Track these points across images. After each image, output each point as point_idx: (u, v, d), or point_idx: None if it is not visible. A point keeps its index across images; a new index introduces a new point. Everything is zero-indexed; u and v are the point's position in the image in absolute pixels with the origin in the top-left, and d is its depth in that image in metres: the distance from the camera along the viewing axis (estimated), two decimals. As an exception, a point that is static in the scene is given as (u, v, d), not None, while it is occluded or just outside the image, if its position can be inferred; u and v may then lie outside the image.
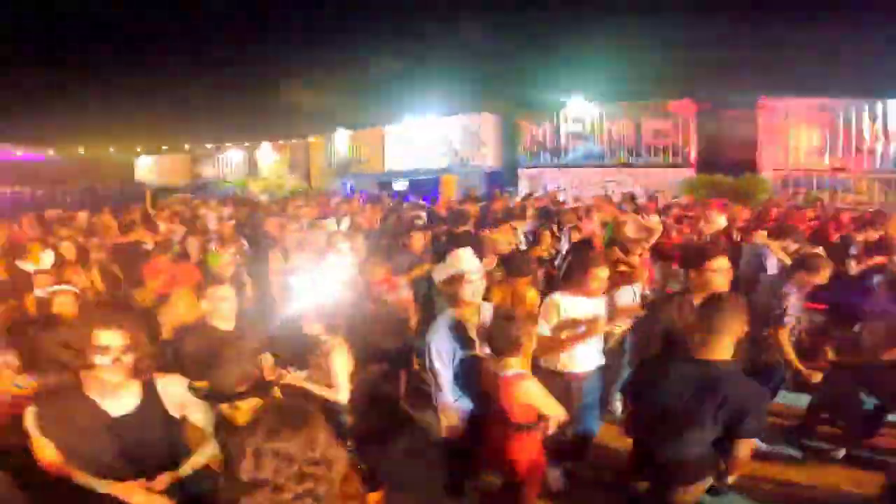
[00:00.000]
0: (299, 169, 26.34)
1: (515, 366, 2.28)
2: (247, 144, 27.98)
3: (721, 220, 7.51)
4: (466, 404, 2.50)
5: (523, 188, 16.97)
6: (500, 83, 22.02)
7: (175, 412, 1.99)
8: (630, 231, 4.15)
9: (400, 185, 19.77)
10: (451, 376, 2.43)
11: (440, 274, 2.60)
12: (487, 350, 2.55)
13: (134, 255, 5.75)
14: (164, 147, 29.33)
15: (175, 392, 2.01)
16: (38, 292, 3.75)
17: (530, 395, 2.22)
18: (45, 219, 10.26)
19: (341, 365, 2.76)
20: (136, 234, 6.25)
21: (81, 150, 26.25)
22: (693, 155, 14.77)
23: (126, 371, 1.84)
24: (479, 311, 2.58)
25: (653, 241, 4.34)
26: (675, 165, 14.76)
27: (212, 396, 1.96)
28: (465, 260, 2.53)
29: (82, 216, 9.86)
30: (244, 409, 2.09)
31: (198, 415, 2.05)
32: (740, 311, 2.12)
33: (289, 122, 25.29)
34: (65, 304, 3.42)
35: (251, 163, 28.17)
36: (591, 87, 16.47)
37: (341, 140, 24.41)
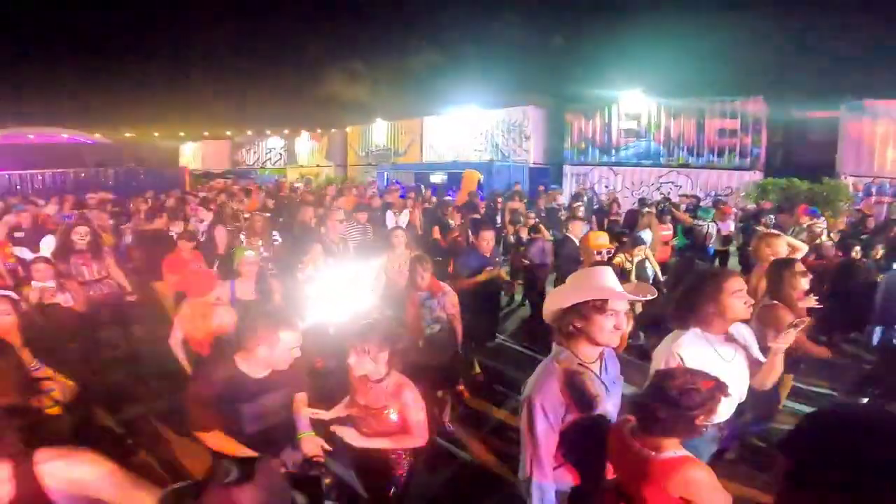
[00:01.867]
0: (336, 158, 26.10)
1: (673, 446, 1.52)
2: (286, 132, 27.97)
3: (819, 228, 6.49)
4: (567, 480, 1.77)
5: (569, 186, 16.02)
6: (546, 75, 20.95)
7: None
8: (780, 250, 3.21)
9: (438, 178, 19.08)
10: (553, 444, 1.67)
11: (558, 299, 1.75)
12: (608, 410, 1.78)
13: (156, 244, 5.26)
14: (205, 133, 29.66)
15: (66, 475, 1.29)
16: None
17: (695, 488, 1.47)
18: (84, 202, 10.09)
19: (418, 404, 2.21)
20: (161, 220, 5.76)
21: (128, 134, 26.74)
22: (763, 157, 13.45)
23: None
24: (603, 358, 1.79)
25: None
26: (741, 168, 13.49)
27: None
28: (608, 279, 1.74)
29: (104, 197, 9.57)
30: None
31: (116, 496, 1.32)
32: None
33: (327, 111, 25.07)
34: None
35: (289, 151, 28.20)
36: (647, 81, 15.31)
37: (379, 130, 23.95)
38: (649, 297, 1.79)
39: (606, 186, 15.08)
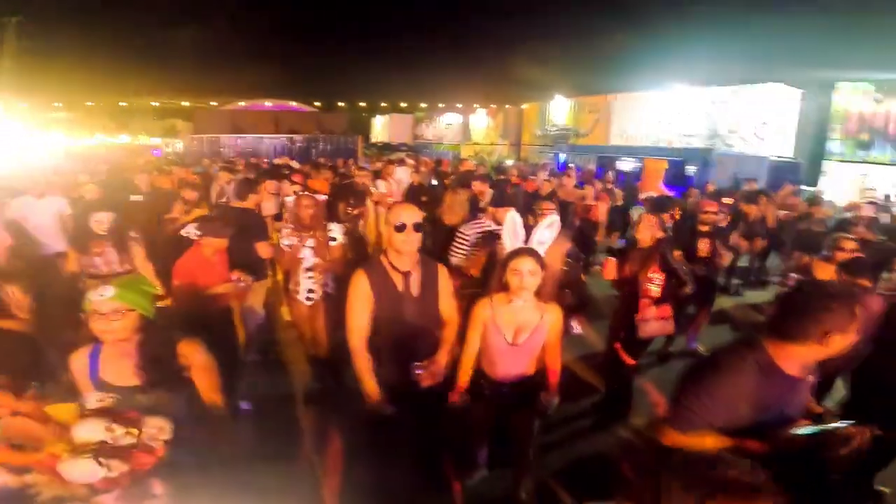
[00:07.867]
0: (510, 136, 24.02)
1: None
2: (459, 106, 26.99)
3: None
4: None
5: (833, 189, 10.99)
6: (802, 42, 15.50)
7: None
8: None
9: (626, 165, 15.30)
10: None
11: None
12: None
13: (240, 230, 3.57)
14: (382, 104, 30.34)
15: None
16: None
17: None
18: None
19: None
20: (255, 197, 4.11)
21: (316, 104, 28.49)
22: None
23: None
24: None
25: None
26: None
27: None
28: None
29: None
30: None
31: None
32: None
33: (503, 85, 23.03)
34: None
35: (465, 127, 27.12)
36: None
37: (559, 108, 20.91)
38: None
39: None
